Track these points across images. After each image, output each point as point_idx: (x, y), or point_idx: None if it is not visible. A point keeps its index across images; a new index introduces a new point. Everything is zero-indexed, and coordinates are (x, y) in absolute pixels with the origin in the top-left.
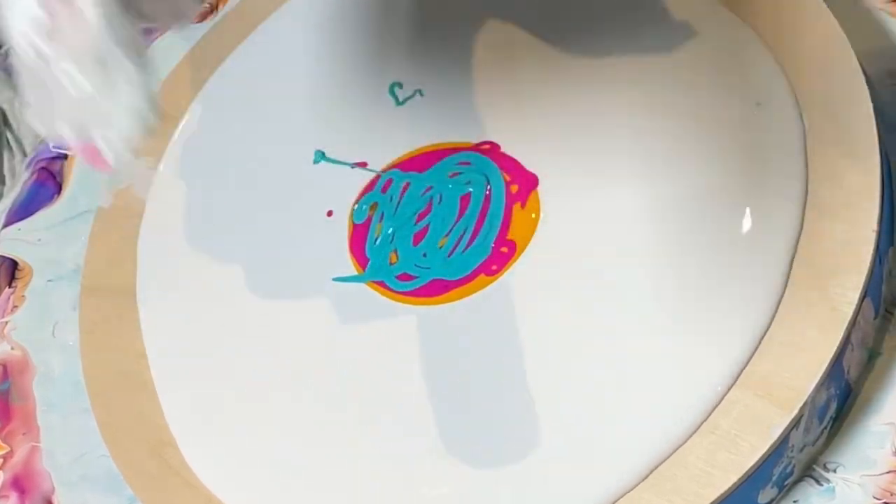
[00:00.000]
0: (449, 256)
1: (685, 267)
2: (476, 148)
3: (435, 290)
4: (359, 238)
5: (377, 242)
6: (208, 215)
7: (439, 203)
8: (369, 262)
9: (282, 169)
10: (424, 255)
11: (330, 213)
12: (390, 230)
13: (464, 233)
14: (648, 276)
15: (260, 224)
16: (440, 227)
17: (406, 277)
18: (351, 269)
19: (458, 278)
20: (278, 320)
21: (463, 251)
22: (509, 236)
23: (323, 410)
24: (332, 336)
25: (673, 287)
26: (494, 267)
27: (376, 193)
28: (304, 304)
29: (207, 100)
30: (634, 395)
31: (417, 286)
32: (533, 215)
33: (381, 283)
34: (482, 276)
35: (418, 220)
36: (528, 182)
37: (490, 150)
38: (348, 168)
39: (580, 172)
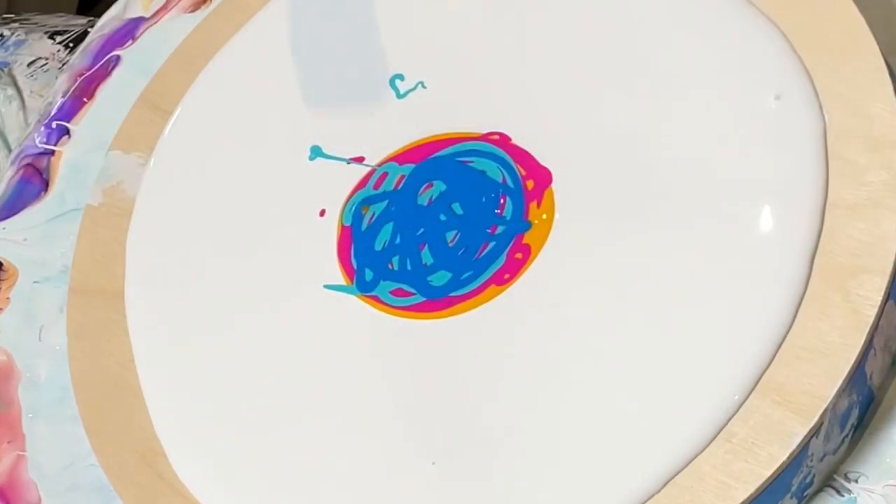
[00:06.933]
0: (454, 266)
1: (702, 269)
2: (485, 138)
3: (437, 305)
4: (348, 242)
5: (368, 250)
6: (200, 214)
7: (443, 203)
8: (357, 273)
9: (276, 166)
10: (425, 265)
11: (322, 213)
12: (384, 236)
13: (474, 238)
14: (664, 279)
15: (252, 223)
16: (444, 233)
17: (402, 293)
18: (339, 275)
19: (464, 292)
20: (270, 327)
21: (474, 258)
22: (525, 240)
23: (316, 420)
24: (325, 345)
25: (689, 290)
26: (507, 275)
27: (367, 190)
28: (297, 312)
29: (200, 94)
30: (649, 402)
31: (416, 302)
32: (545, 216)
33: (375, 298)
34: (493, 287)
35: (418, 225)
36: (543, 178)
37: (500, 140)
38: (345, 164)
39: (595, 168)
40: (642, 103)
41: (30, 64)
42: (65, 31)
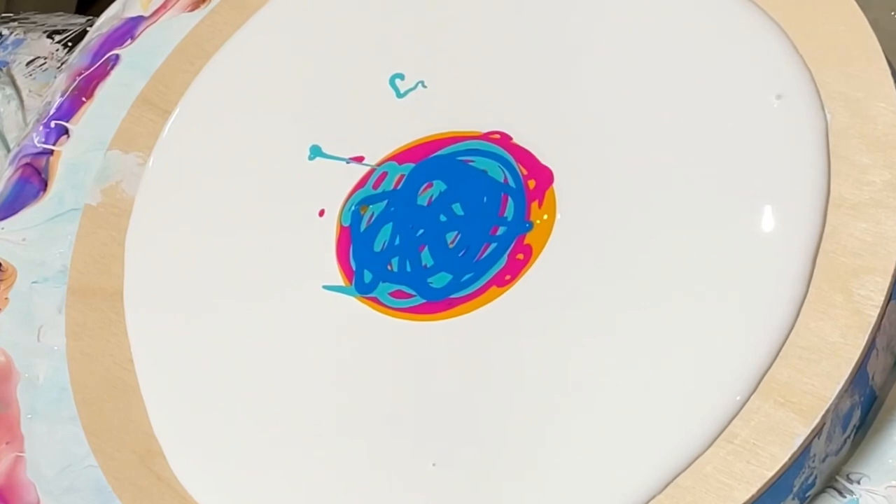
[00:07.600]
0: (454, 268)
1: (703, 269)
2: (486, 137)
3: (437, 307)
4: (347, 243)
5: (367, 251)
6: (199, 214)
7: (443, 203)
8: (356, 275)
9: (275, 165)
10: (425, 266)
11: (322, 213)
12: (384, 236)
13: (475, 239)
14: (665, 280)
15: (251, 224)
16: (444, 234)
17: (402, 295)
18: (338, 276)
19: (465, 294)
20: (269, 328)
21: (475, 260)
22: (527, 240)
23: (315, 421)
24: (324, 346)
25: (690, 291)
26: (508, 277)
27: (367, 190)
28: (296, 312)
29: (199, 93)
30: (650, 403)
31: (415, 304)
32: (546, 216)
33: (374, 300)
34: (493, 289)
35: (418, 226)
36: (544, 177)
37: (501, 140)
38: (344, 164)
39: (595, 168)
40: (643, 102)
41: (28, 63)
42: (63, 31)
